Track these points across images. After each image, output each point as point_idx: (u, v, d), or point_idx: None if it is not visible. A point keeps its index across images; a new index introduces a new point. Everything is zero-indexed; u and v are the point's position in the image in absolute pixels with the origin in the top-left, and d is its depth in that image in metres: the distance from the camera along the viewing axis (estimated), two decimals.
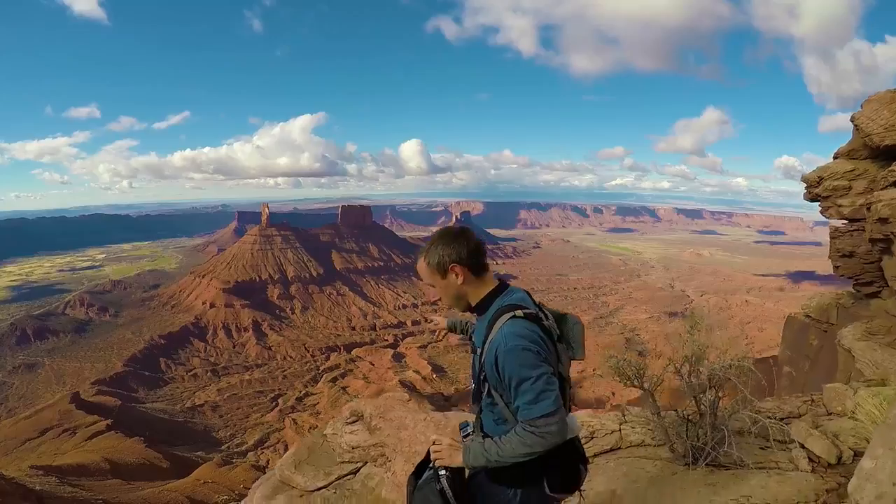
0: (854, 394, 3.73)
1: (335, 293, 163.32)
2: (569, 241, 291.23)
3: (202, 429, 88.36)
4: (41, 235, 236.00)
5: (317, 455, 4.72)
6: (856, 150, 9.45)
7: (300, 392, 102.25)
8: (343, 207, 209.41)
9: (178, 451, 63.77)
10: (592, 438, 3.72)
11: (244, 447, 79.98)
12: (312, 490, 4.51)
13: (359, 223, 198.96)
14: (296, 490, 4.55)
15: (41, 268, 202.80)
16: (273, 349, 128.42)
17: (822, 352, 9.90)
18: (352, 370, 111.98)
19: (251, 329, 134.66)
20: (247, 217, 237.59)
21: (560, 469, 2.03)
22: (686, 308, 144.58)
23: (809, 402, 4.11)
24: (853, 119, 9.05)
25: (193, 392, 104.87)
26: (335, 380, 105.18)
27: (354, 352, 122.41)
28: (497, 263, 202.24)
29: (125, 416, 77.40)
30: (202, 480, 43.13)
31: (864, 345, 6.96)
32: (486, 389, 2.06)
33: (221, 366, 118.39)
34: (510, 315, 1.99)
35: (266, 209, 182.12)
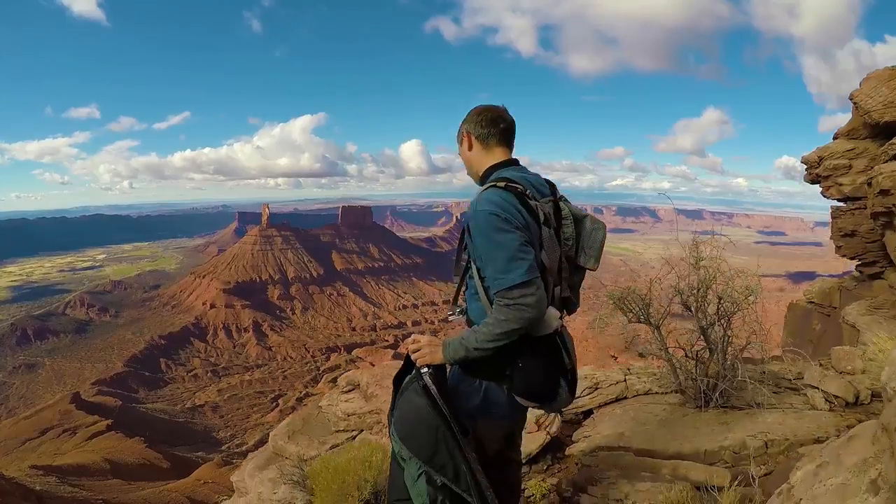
0: (863, 353, 3.61)
1: (335, 294, 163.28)
2: None
3: (202, 429, 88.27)
4: (42, 236, 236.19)
5: (311, 425, 4.61)
6: (855, 130, 9.41)
7: (300, 392, 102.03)
8: (343, 208, 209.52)
9: (179, 452, 63.67)
10: (597, 389, 3.59)
11: (244, 447, 79.69)
12: (306, 460, 4.39)
13: (359, 224, 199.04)
14: (289, 460, 4.44)
15: (42, 268, 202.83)
16: (273, 349, 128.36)
17: (826, 336, 9.78)
18: (352, 371, 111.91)
19: (251, 329, 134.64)
20: (247, 217, 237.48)
21: (527, 372, 1.88)
22: None
23: (818, 366, 4.00)
24: (852, 97, 9.00)
25: (194, 392, 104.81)
26: (335, 380, 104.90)
27: (355, 352, 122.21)
28: None
29: (125, 417, 77.38)
30: (202, 481, 43.02)
31: (870, 319, 6.85)
32: (467, 260, 1.98)
33: (222, 366, 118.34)
34: (491, 185, 1.92)
35: (266, 210, 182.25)
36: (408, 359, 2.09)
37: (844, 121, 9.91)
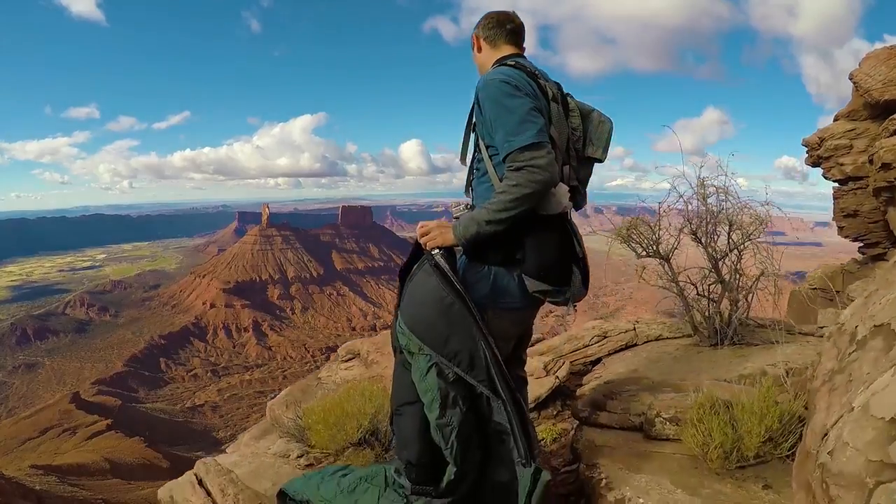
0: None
1: (335, 293, 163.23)
2: None
3: (202, 429, 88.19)
4: (41, 235, 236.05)
5: (310, 395, 4.51)
6: (855, 112, 9.41)
7: None
8: (343, 208, 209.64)
9: (178, 451, 63.51)
10: (605, 337, 3.50)
11: None
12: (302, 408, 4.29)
13: (359, 223, 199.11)
14: (287, 417, 4.33)
15: (41, 268, 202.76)
16: (273, 349, 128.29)
17: None
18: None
19: (251, 329, 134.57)
20: (247, 217, 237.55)
21: (539, 248, 1.79)
22: None
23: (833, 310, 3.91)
24: (852, 76, 9.00)
25: (193, 392, 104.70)
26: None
27: None
28: None
29: (125, 416, 77.37)
30: None
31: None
32: (475, 141, 1.93)
33: (221, 366, 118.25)
34: (500, 64, 1.93)
35: (266, 209, 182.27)
36: (415, 247, 1.98)
37: None
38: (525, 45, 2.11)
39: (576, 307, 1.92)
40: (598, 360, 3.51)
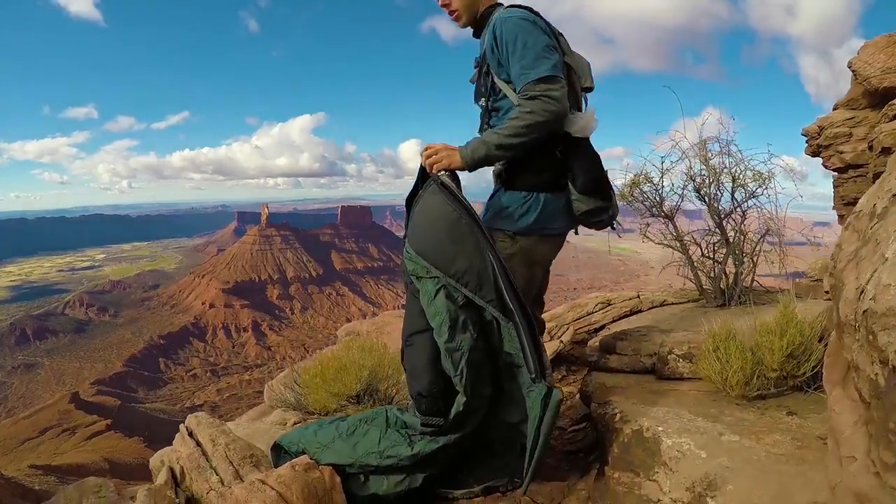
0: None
1: (335, 293, 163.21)
2: (569, 242, 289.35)
3: None
4: (41, 235, 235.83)
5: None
6: (854, 100, 9.39)
7: None
8: (343, 208, 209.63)
9: None
10: (609, 305, 3.47)
11: None
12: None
13: (358, 223, 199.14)
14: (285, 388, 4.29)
15: (41, 268, 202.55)
16: (273, 349, 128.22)
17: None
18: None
19: (251, 329, 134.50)
20: (246, 217, 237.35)
21: (588, 163, 1.87)
22: None
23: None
24: (850, 65, 8.96)
25: (193, 392, 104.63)
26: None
27: None
28: None
29: (125, 416, 77.07)
30: None
31: None
32: (489, 85, 1.92)
33: (221, 366, 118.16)
34: (508, 6, 1.96)
35: (266, 209, 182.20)
36: (420, 172, 1.95)
37: None
38: None
39: (614, 226, 1.99)
40: (602, 328, 3.47)
